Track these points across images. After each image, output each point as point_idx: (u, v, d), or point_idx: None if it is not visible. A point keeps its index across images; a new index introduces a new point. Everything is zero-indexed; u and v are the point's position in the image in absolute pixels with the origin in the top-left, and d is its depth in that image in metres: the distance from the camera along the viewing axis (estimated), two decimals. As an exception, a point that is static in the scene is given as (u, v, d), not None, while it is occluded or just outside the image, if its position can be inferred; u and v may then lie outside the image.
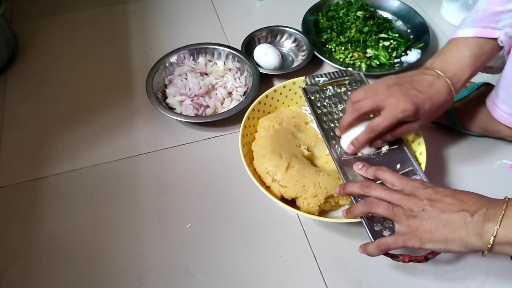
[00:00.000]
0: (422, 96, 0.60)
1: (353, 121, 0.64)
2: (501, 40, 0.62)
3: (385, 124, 0.61)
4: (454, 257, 0.64)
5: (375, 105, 0.61)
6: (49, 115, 0.83)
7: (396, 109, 0.60)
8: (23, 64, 0.93)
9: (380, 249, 0.53)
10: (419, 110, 0.60)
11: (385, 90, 0.61)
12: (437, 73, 0.62)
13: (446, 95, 0.62)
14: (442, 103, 0.62)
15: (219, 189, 0.72)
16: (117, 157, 0.76)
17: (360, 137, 0.64)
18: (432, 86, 0.61)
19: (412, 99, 0.59)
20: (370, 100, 0.61)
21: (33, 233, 0.67)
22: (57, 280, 0.62)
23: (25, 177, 0.73)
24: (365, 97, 0.62)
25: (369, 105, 0.61)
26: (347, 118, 0.64)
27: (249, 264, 0.64)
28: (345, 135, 0.66)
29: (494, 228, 0.47)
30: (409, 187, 0.54)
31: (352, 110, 0.63)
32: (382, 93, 0.61)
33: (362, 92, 0.63)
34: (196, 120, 0.79)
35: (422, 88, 0.61)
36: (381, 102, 0.61)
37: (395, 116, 0.60)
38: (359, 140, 0.64)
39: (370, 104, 0.61)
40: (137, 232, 0.67)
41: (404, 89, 0.60)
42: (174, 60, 0.88)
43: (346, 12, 0.96)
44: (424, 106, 0.60)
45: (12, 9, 1.07)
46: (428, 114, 0.62)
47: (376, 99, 0.61)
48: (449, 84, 0.62)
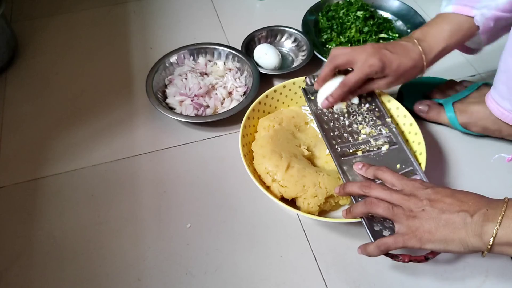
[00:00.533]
0: (392, 55, 0.66)
1: (328, 73, 0.70)
2: (476, 20, 0.66)
3: (355, 78, 0.67)
4: (454, 257, 0.64)
5: (347, 59, 0.67)
6: (49, 115, 0.83)
7: (365, 64, 0.66)
8: (23, 64, 0.93)
9: (380, 249, 0.53)
10: (385, 67, 0.66)
11: (360, 47, 0.68)
12: (413, 41, 0.68)
13: (415, 60, 0.67)
14: (411, 67, 0.67)
15: (219, 189, 0.72)
16: (117, 157, 0.76)
17: (334, 92, 0.70)
18: (404, 50, 0.67)
19: (380, 56, 0.65)
20: (344, 55, 0.68)
21: (33, 233, 0.67)
22: (57, 280, 0.62)
23: (25, 177, 0.74)
24: (341, 52, 0.68)
25: (343, 59, 0.68)
26: (323, 70, 0.71)
27: (249, 264, 0.64)
28: (322, 91, 0.72)
29: (493, 229, 0.47)
30: (409, 187, 0.54)
31: (329, 62, 0.70)
32: (356, 49, 0.67)
33: (341, 48, 0.69)
34: (196, 120, 0.79)
35: (393, 49, 0.67)
36: (354, 57, 0.67)
37: (363, 71, 0.66)
38: (333, 95, 0.70)
39: (343, 57, 0.68)
40: (137, 232, 0.67)
41: (376, 47, 0.67)
42: (174, 60, 0.88)
43: (346, 12, 0.96)
44: (391, 64, 0.66)
45: (12, 9, 1.07)
46: (395, 74, 0.67)
47: (350, 54, 0.67)
48: (421, 52, 0.67)
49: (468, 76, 0.89)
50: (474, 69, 0.91)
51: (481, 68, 0.91)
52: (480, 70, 0.91)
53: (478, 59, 0.91)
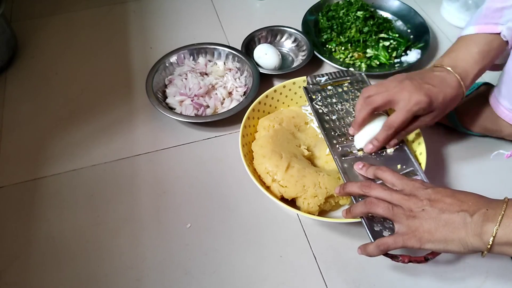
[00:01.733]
0: (434, 89, 0.61)
1: (366, 117, 0.64)
2: (503, 35, 0.63)
3: (401, 119, 0.61)
4: (454, 258, 0.64)
5: (388, 99, 0.62)
6: (48, 115, 0.83)
7: (410, 103, 0.60)
8: (23, 64, 0.93)
9: (380, 249, 0.53)
10: (432, 102, 0.61)
11: (397, 84, 0.62)
12: (446, 70, 0.64)
13: (456, 89, 0.63)
14: (454, 97, 0.63)
15: (219, 189, 0.72)
16: (117, 157, 0.76)
17: (379, 136, 0.64)
18: (443, 81, 0.63)
19: (425, 91, 0.60)
20: (382, 95, 0.62)
21: (32, 233, 0.67)
22: (56, 281, 0.62)
23: (25, 177, 0.73)
24: (377, 92, 0.63)
25: (382, 99, 0.62)
26: (360, 114, 0.64)
27: (249, 264, 0.64)
28: (359, 133, 0.67)
29: (493, 229, 0.47)
30: (409, 187, 0.54)
31: (365, 105, 0.63)
32: (394, 87, 0.62)
33: (373, 88, 0.64)
34: (196, 120, 0.79)
35: (433, 82, 0.62)
36: (394, 96, 0.61)
37: (409, 110, 0.61)
38: (378, 139, 0.65)
39: (382, 98, 0.62)
40: (136, 233, 0.67)
41: (416, 83, 0.61)
42: (174, 60, 0.88)
43: (346, 12, 0.96)
44: (437, 98, 0.61)
45: (12, 9, 1.07)
46: (442, 107, 0.63)
47: (388, 93, 0.62)
48: (459, 79, 0.63)
49: (469, 76, 0.89)
50: (474, 69, 0.91)
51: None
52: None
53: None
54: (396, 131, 0.63)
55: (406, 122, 0.62)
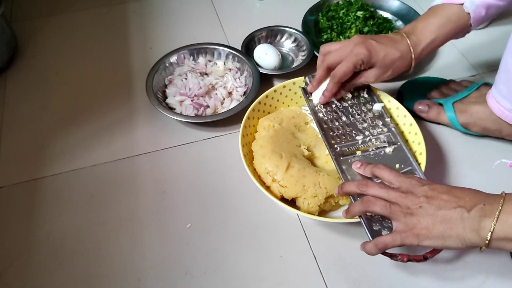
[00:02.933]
0: (378, 45, 0.66)
1: (323, 74, 0.70)
2: (466, 7, 0.66)
3: (342, 69, 0.66)
4: (453, 256, 0.64)
5: (339, 56, 0.67)
6: (48, 115, 0.83)
7: (351, 54, 0.65)
8: (23, 64, 0.93)
9: (379, 247, 0.53)
10: (372, 56, 0.65)
11: (348, 40, 0.68)
12: (401, 34, 0.68)
13: (403, 52, 0.67)
14: (398, 58, 0.66)
15: (219, 189, 0.72)
16: (117, 157, 0.76)
17: (328, 86, 0.70)
18: (391, 41, 0.67)
19: (366, 45, 0.65)
20: (334, 52, 0.68)
21: (32, 233, 0.67)
22: (56, 281, 0.62)
23: (25, 177, 0.73)
24: (330, 49, 0.69)
25: (334, 57, 0.67)
26: (318, 72, 0.71)
27: (249, 264, 0.64)
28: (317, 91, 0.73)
29: (491, 224, 0.47)
30: (406, 184, 0.54)
31: (321, 64, 0.69)
32: (345, 43, 0.67)
33: (328, 45, 0.70)
34: (196, 120, 0.79)
35: (380, 40, 0.67)
36: (343, 51, 0.67)
37: (350, 60, 0.65)
38: (327, 89, 0.70)
39: (334, 56, 0.67)
40: (137, 232, 0.67)
41: (363, 37, 0.67)
42: (174, 60, 0.88)
43: (346, 12, 0.96)
44: (377, 53, 0.65)
45: (12, 9, 1.07)
46: (382, 64, 0.66)
47: (339, 50, 0.67)
48: (409, 44, 0.67)
49: (468, 76, 0.89)
50: (474, 69, 0.91)
51: (481, 68, 0.91)
52: (480, 70, 0.91)
53: (478, 59, 0.91)
54: (340, 81, 0.68)
55: (348, 73, 0.67)
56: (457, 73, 0.89)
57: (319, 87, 0.72)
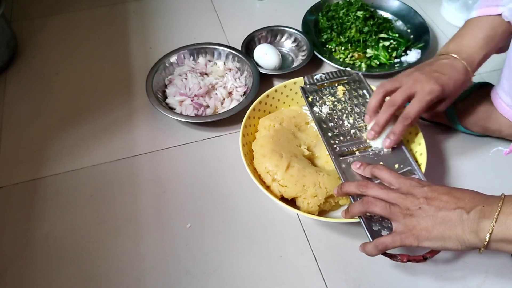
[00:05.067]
0: (444, 77, 0.63)
1: (389, 118, 0.64)
2: (505, 16, 0.64)
3: (417, 110, 0.62)
4: (453, 257, 0.64)
5: (407, 95, 0.62)
6: (48, 115, 0.83)
7: (423, 93, 0.61)
8: (23, 64, 0.93)
9: (378, 248, 0.53)
10: (445, 90, 0.62)
11: (408, 78, 0.63)
12: (452, 57, 0.65)
13: (464, 74, 0.65)
14: (463, 82, 0.65)
15: (219, 189, 0.72)
16: (117, 157, 0.76)
17: (396, 129, 0.64)
18: (451, 67, 0.64)
19: (436, 80, 0.62)
20: (400, 93, 0.62)
21: (32, 233, 0.67)
22: (56, 281, 0.62)
23: (24, 177, 0.73)
24: (392, 88, 0.63)
25: (402, 97, 0.62)
26: (382, 117, 0.64)
27: (249, 264, 0.64)
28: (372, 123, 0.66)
29: (489, 225, 0.47)
30: (406, 185, 0.54)
31: (387, 107, 0.63)
32: (407, 82, 0.63)
33: (388, 84, 0.64)
34: (196, 120, 0.79)
35: (442, 70, 0.64)
36: (410, 90, 0.62)
37: (424, 100, 0.62)
38: (396, 132, 0.64)
39: (402, 95, 0.62)
40: (137, 232, 0.67)
41: (426, 72, 0.63)
42: (174, 60, 0.88)
43: (346, 12, 0.96)
44: (448, 85, 0.63)
45: (12, 9, 1.07)
46: (453, 94, 0.64)
47: (404, 89, 0.62)
48: (465, 65, 0.65)
49: (468, 76, 0.89)
50: (474, 69, 0.91)
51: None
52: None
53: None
54: (413, 121, 0.63)
55: (421, 113, 0.63)
56: (457, 73, 0.89)
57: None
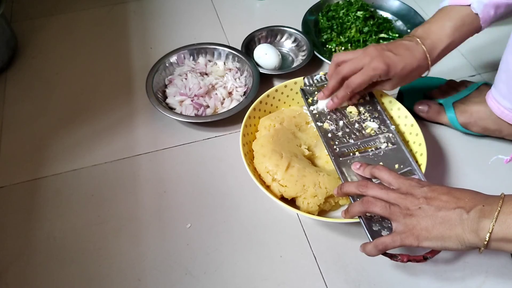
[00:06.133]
0: (395, 57, 0.64)
1: (336, 85, 0.69)
2: (473, 7, 0.65)
3: (358, 81, 0.65)
4: (453, 257, 0.64)
5: (354, 67, 0.66)
6: (49, 115, 0.83)
7: (369, 67, 0.64)
8: (23, 64, 0.93)
9: (378, 248, 0.53)
10: (390, 70, 0.64)
11: (363, 51, 0.66)
12: (415, 40, 0.66)
13: (420, 60, 0.65)
14: (416, 68, 0.65)
15: (219, 189, 0.72)
16: (117, 157, 0.76)
17: (339, 93, 0.69)
18: (408, 50, 0.65)
19: (384, 59, 0.64)
20: (349, 64, 0.66)
21: (33, 233, 0.67)
22: (56, 280, 0.62)
23: (25, 177, 0.74)
24: (345, 59, 0.67)
25: (348, 68, 0.66)
26: (330, 82, 0.69)
27: (249, 264, 0.64)
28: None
29: (490, 225, 0.47)
30: (406, 185, 0.54)
31: (335, 74, 0.68)
32: (359, 54, 0.66)
33: (343, 55, 0.68)
34: (196, 120, 0.79)
35: (397, 50, 0.65)
36: (358, 63, 0.65)
37: (367, 74, 0.64)
38: (338, 96, 0.69)
39: (349, 67, 0.66)
40: (137, 232, 0.67)
41: (379, 49, 0.65)
42: (174, 60, 0.88)
43: (346, 12, 0.96)
44: (396, 66, 0.64)
45: (12, 9, 1.07)
46: (400, 76, 0.65)
47: (353, 61, 0.66)
48: (425, 51, 0.65)
49: (468, 76, 0.89)
50: (474, 69, 0.91)
51: (481, 68, 0.91)
52: (480, 70, 0.91)
53: (478, 59, 0.91)
54: (353, 91, 0.67)
55: (363, 85, 0.66)
56: (457, 73, 0.89)
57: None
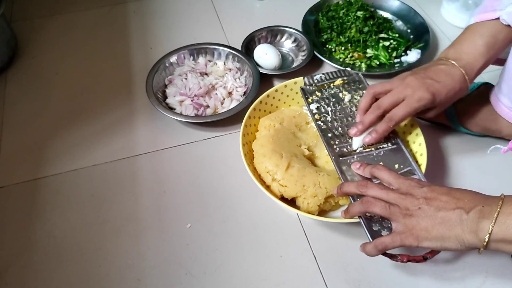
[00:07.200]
0: (438, 84, 0.62)
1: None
2: (503, 19, 0.62)
3: (402, 114, 0.62)
4: (453, 257, 0.64)
5: (395, 100, 0.62)
6: (49, 115, 0.83)
7: (413, 99, 0.61)
8: (23, 64, 0.93)
9: (378, 249, 0.53)
10: (435, 99, 0.61)
11: (401, 82, 0.63)
12: (451, 63, 0.64)
13: (460, 83, 0.63)
14: (458, 91, 0.63)
15: (219, 189, 0.72)
16: (117, 157, 0.76)
17: (379, 128, 0.64)
18: (447, 75, 0.63)
19: (427, 87, 0.61)
20: (389, 97, 0.62)
21: (33, 233, 0.67)
22: (56, 280, 0.62)
23: (25, 177, 0.74)
24: (382, 90, 0.63)
25: (389, 101, 0.62)
26: (368, 117, 0.64)
27: (249, 264, 0.64)
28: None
29: (489, 225, 0.47)
30: (405, 186, 0.54)
31: (374, 109, 0.63)
32: (398, 85, 0.62)
33: (379, 87, 0.64)
34: (196, 120, 0.79)
35: (437, 77, 0.62)
36: (399, 94, 0.62)
37: (411, 106, 0.61)
38: (378, 131, 0.64)
39: (390, 99, 0.62)
40: (137, 232, 0.67)
41: (419, 78, 0.62)
42: (174, 60, 0.88)
43: (346, 12, 0.96)
44: (440, 94, 0.62)
45: (12, 9, 1.07)
46: (445, 102, 0.63)
47: (394, 93, 0.62)
48: (463, 73, 0.63)
49: (468, 76, 0.89)
50: (474, 69, 0.91)
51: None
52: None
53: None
54: (396, 124, 0.63)
55: (407, 118, 0.63)
56: (457, 73, 0.89)
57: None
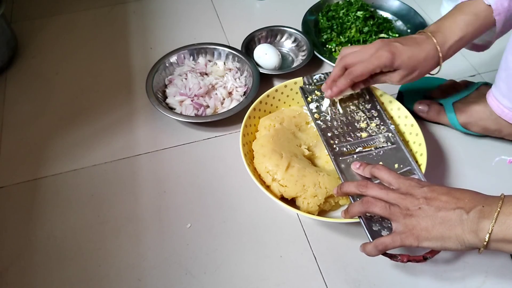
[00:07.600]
0: (402, 47, 0.63)
1: (339, 73, 0.66)
2: (489, 3, 0.63)
3: (360, 69, 0.63)
4: (453, 257, 0.64)
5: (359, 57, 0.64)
6: (49, 115, 0.83)
7: (373, 56, 0.62)
8: (23, 64, 0.93)
9: (378, 249, 0.53)
10: (395, 59, 0.62)
11: (370, 44, 0.65)
12: (426, 34, 0.65)
13: (429, 52, 0.63)
14: (424, 59, 0.63)
15: (219, 189, 0.72)
16: (117, 157, 0.76)
17: (339, 82, 0.66)
18: (416, 42, 0.64)
19: (390, 48, 0.62)
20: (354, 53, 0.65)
21: (33, 233, 0.67)
22: (56, 280, 0.62)
23: (25, 177, 0.74)
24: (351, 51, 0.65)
25: (353, 57, 0.64)
26: (334, 71, 0.67)
27: (249, 264, 0.64)
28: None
29: (489, 225, 0.47)
30: (405, 186, 0.54)
31: (337, 62, 0.66)
32: (366, 46, 0.65)
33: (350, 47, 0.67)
34: (196, 120, 0.79)
35: (404, 41, 0.64)
36: (364, 53, 0.64)
37: (371, 62, 0.63)
38: (338, 85, 0.66)
39: (353, 56, 0.64)
40: (137, 232, 0.67)
41: (386, 40, 0.64)
42: (174, 60, 0.88)
43: (346, 12, 0.96)
44: (401, 55, 0.62)
45: (12, 9, 1.07)
46: (407, 66, 0.63)
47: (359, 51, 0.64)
48: (435, 43, 0.64)
49: (468, 76, 0.89)
50: (474, 69, 0.91)
51: (481, 68, 0.91)
52: (480, 70, 0.91)
53: (478, 59, 0.92)
54: (354, 80, 0.65)
55: (365, 74, 0.64)
56: (457, 73, 0.89)
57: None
